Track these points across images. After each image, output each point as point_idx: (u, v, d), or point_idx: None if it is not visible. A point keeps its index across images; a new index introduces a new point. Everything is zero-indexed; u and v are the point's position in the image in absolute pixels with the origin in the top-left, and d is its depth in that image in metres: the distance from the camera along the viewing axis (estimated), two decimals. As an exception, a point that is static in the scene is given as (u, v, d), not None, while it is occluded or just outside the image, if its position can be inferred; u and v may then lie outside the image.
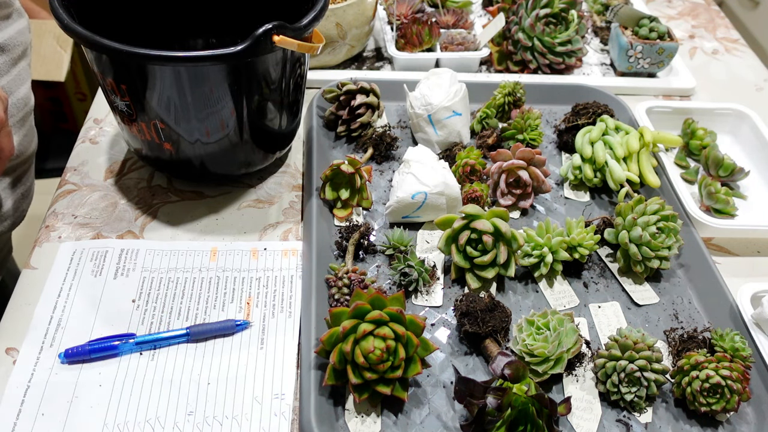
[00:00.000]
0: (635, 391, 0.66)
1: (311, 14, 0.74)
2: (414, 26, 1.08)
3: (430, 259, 0.78)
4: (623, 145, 0.89)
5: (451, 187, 0.80)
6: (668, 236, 0.78)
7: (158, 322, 0.71)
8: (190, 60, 0.67)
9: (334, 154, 0.92)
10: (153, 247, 0.78)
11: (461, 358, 0.70)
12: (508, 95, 0.95)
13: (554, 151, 0.97)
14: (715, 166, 0.92)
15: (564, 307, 0.76)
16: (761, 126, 0.98)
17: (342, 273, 0.73)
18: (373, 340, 0.62)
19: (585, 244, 0.77)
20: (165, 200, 0.85)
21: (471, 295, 0.71)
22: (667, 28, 1.08)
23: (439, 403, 0.66)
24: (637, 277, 0.79)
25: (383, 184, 0.88)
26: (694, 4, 1.40)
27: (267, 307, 0.73)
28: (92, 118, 0.97)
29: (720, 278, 0.77)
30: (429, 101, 0.89)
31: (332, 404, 0.65)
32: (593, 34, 1.22)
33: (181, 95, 0.72)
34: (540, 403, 0.60)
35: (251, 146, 0.82)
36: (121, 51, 0.66)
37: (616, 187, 0.87)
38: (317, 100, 0.96)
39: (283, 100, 0.80)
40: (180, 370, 0.67)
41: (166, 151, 0.79)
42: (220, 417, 0.63)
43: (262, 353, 0.69)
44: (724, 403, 0.64)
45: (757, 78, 1.19)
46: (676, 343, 0.71)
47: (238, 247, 0.79)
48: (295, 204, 0.86)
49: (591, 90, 1.02)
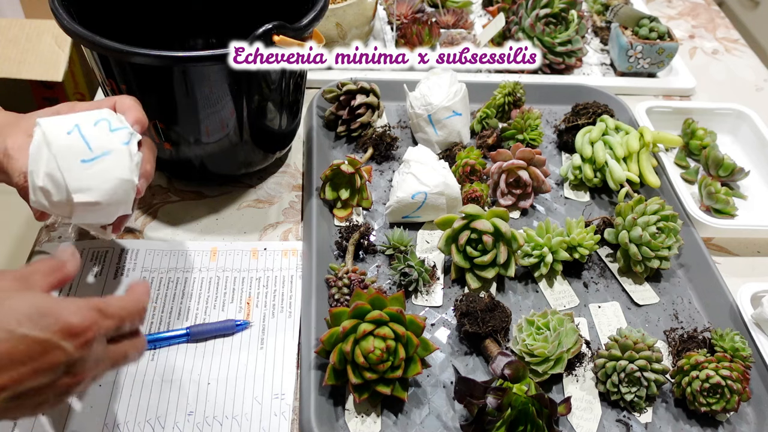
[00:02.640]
0: (635, 391, 0.66)
1: (311, 14, 0.74)
2: (414, 26, 1.08)
3: (430, 259, 0.78)
4: (623, 145, 0.89)
5: (451, 187, 0.80)
6: (668, 236, 0.78)
7: (158, 322, 0.71)
8: (190, 60, 0.67)
9: (334, 154, 0.92)
10: (153, 247, 0.78)
11: (461, 358, 0.70)
12: (508, 95, 0.95)
13: (554, 151, 0.97)
14: (715, 166, 0.92)
15: (564, 307, 0.76)
16: (761, 126, 0.98)
17: (342, 273, 0.73)
18: (373, 340, 0.62)
19: (585, 244, 0.77)
20: (165, 200, 0.85)
21: (471, 295, 0.71)
22: (667, 28, 1.08)
23: (439, 403, 0.66)
24: (637, 277, 0.79)
25: (383, 184, 0.88)
26: (694, 4, 1.40)
27: (267, 307, 0.73)
28: (92, 118, 0.97)
29: (720, 278, 0.77)
30: (429, 101, 0.89)
31: (332, 404, 0.65)
32: (593, 34, 1.22)
33: (181, 95, 0.72)
34: (540, 403, 0.60)
35: (251, 146, 0.82)
36: (121, 51, 0.66)
37: (616, 187, 0.87)
38: (317, 100, 0.96)
39: (283, 100, 0.80)
40: (180, 370, 0.67)
41: (166, 151, 0.79)
42: (220, 417, 0.63)
43: (262, 353, 0.69)
44: (724, 403, 0.64)
45: (757, 78, 1.19)
46: (676, 343, 0.71)
47: (238, 247, 0.79)
48: (295, 204, 0.86)
49: (591, 90, 1.02)
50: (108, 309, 0.48)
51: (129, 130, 0.61)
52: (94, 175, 0.59)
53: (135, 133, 0.62)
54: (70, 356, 0.45)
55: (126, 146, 0.60)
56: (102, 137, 0.59)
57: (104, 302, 0.49)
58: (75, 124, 0.59)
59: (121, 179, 0.60)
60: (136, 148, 0.61)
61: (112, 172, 0.59)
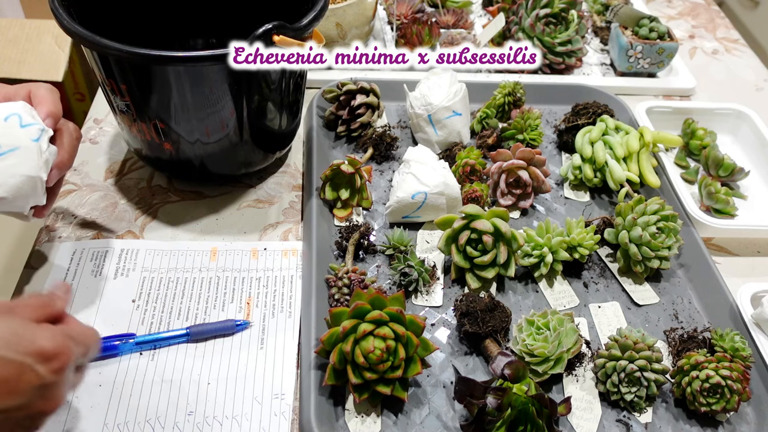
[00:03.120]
0: (635, 391, 0.66)
1: (311, 14, 0.74)
2: (414, 26, 1.08)
3: (430, 259, 0.78)
4: (623, 145, 0.89)
5: (451, 187, 0.80)
6: (668, 236, 0.78)
7: (158, 322, 0.71)
8: (190, 60, 0.67)
9: (334, 154, 0.92)
10: (153, 247, 0.78)
11: (461, 358, 0.70)
12: (508, 95, 0.95)
13: (554, 151, 0.97)
14: (715, 166, 0.92)
15: (564, 307, 0.76)
16: (761, 126, 0.98)
17: (342, 273, 0.73)
18: (373, 340, 0.62)
19: (585, 244, 0.77)
20: (165, 200, 0.85)
21: (471, 295, 0.71)
22: (667, 28, 1.08)
23: (439, 403, 0.66)
24: (637, 277, 0.79)
25: (383, 184, 0.88)
26: (694, 4, 1.40)
27: (267, 307, 0.73)
28: (92, 118, 0.97)
29: (720, 278, 0.77)
30: (429, 101, 0.89)
31: (332, 404, 0.65)
32: (593, 34, 1.22)
33: (181, 95, 0.72)
34: (540, 403, 0.60)
35: (251, 146, 0.82)
36: (121, 51, 0.66)
37: (616, 187, 0.87)
38: (317, 100, 0.96)
39: (283, 100, 0.80)
40: (180, 370, 0.67)
41: (166, 151, 0.79)
42: (220, 417, 0.63)
43: (262, 353, 0.69)
44: (724, 403, 0.64)
45: (757, 78, 1.19)
46: (676, 343, 0.71)
47: (238, 247, 0.79)
48: (295, 204, 0.86)
49: (591, 90, 1.02)
50: (77, 337, 0.50)
51: (40, 126, 0.62)
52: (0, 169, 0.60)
53: (46, 129, 0.63)
54: (43, 380, 0.46)
55: (36, 143, 0.61)
56: (11, 133, 0.60)
57: (73, 329, 0.51)
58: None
59: (27, 176, 0.61)
60: (47, 144, 0.63)
61: (19, 168, 0.61)
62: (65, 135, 0.66)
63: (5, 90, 0.65)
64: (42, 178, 0.63)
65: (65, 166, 0.65)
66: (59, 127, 0.66)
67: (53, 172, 0.64)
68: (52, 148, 0.64)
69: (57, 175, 0.65)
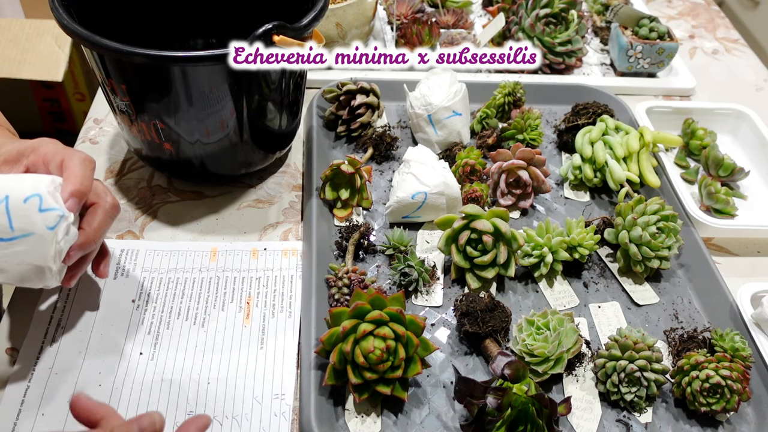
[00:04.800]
0: (635, 391, 0.66)
1: (311, 14, 0.74)
2: (414, 26, 1.08)
3: (430, 259, 0.78)
4: (623, 145, 0.89)
5: (451, 187, 0.80)
6: (668, 236, 0.78)
7: (158, 322, 0.71)
8: (190, 60, 0.67)
9: (334, 154, 0.92)
10: (153, 248, 0.78)
11: (461, 358, 0.70)
12: (508, 95, 0.95)
13: (554, 151, 0.97)
14: (715, 166, 0.92)
15: (564, 307, 0.76)
16: (761, 126, 0.98)
17: (342, 273, 0.73)
18: (373, 340, 0.62)
19: (585, 244, 0.77)
20: (165, 200, 0.85)
21: (471, 295, 0.71)
22: (667, 28, 1.08)
23: (439, 403, 0.66)
24: (637, 277, 0.79)
25: (383, 184, 0.88)
26: (694, 4, 1.40)
27: (267, 307, 0.73)
28: (92, 118, 0.97)
29: (720, 278, 0.77)
30: (429, 101, 0.89)
31: (332, 404, 0.65)
32: (593, 34, 1.22)
33: (181, 95, 0.72)
34: (540, 403, 0.60)
35: (251, 146, 0.82)
36: (121, 51, 0.66)
37: (616, 187, 0.87)
38: (317, 100, 0.96)
39: (283, 100, 0.80)
40: (180, 370, 0.67)
41: (166, 151, 0.79)
42: (220, 417, 0.63)
43: (262, 353, 0.69)
44: (724, 403, 0.64)
45: (757, 78, 1.19)
46: (676, 343, 0.71)
47: (238, 247, 0.79)
48: (295, 204, 0.86)
49: (591, 90, 1.02)
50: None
51: (60, 212, 0.57)
52: (8, 255, 0.57)
53: (66, 215, 0.58)
54: None
55: (51, 231, 0.57)
56: (28, 217, 0.56)
57: None
58: (5, 195, 0.56)
59: (34, 266, 0.58)
60: (64, 232, 0.58)
61: (27, 256, 0.57)
62: (98, 212, 0.62)
63: (44, 152, 0.61)
64: (52, 269, 0.58)
65: (88, 246, 0.61)
66: (94, 201, 0.62)
67: (72, 253, 0.60)
68: (72, 233, 0.59)
69: (77, 254, 0.61)
